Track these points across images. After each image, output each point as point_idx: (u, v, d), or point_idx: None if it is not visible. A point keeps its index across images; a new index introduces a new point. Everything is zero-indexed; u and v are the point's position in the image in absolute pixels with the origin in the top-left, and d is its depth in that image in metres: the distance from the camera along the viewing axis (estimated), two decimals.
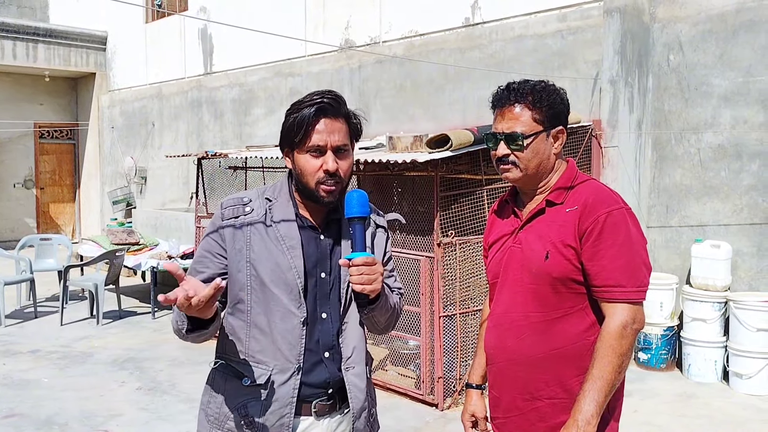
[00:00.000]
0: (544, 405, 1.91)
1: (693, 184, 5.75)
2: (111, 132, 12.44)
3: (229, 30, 8.84)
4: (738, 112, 5.50)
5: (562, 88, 2.01)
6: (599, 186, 1.95)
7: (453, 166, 4.92)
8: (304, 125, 1.78)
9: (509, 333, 1.96)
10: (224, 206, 1.87)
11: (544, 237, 1.90)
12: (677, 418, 4.69)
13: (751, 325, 5.09)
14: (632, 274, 1.82)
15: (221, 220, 1.86)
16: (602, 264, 1.83)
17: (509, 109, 1.94)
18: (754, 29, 5.39)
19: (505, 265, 1.99)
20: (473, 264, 4.96)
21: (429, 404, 4.86)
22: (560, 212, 1.91)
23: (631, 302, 1.82)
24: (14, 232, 12.54)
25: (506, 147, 1.94)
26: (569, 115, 2.01)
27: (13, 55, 11.83)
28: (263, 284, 1.80)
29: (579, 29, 5.83)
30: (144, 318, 7.59)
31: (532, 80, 1.98)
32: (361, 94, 7.68)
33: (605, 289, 1.83)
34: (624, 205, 1.88)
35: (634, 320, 1.82)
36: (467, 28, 6.76)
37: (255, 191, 1.91)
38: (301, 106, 1.80)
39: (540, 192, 1.98)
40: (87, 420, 4.67)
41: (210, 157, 6.76)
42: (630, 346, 1.82)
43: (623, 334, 1.80)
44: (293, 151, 1.83)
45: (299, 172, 1.82)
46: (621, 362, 1.80)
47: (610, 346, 1.80)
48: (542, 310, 1.90)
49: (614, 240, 1.82)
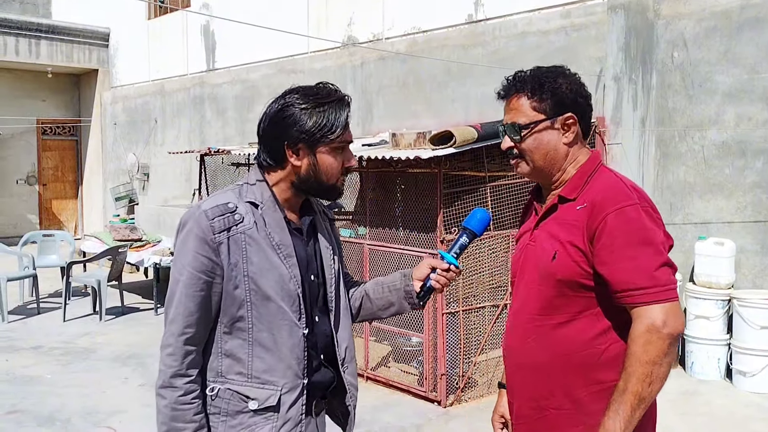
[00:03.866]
0: (552, 415, 1.78)
1: (697, 181, 5.73)
2: (113, 128, 12.44)
3: (231, 26, 8.82)
4: (742, 109, 5.47)
5: (575, 73, 1.86)
6: (613, 180, 1.77)
7: (456, 163, 4.91)
8: (344, 122, 1.73)
9: (516, 335, 1.86)
10: (210, 216, 1.67)
11: (554, 236, 1.77)
12: (680, 415, 4.68)
13: (755, 322, 5.08)
14: (652, 273, 1.64)
15: (212, 233, 1.65)
16: (617, 266, 1.65)
17: (510, 100, 1.84)
18: (759, 26, 5.36)
19: (522, 263, 1.88)
20: (476, 261, 4.95)
21: (431, 401, 4.86)
22: (571, 209, 1.76)
23: (656, 303, 1.62)
24: (17, 229, 12.55)
25: (510, 140, 1.84)
26: (585, 100, 1.84)
27: (15, 52, 11.83)
28: (266, 298, 1.69)
29: (583, 26, 5.81)
30: (146, 314, 7.60)
31: (543, 67, 1.84)
32: (364, 91, 7.67)
33: (626, 294, 1.65)
34: (638, 201, 1.70)
35: (664, 323, 1.61)
36: (470, 24, 6.74)
37: (231, 194, 1.75)
38: (327, 100, 1.72)
39: (555, 186, 1.84)
40: (89, 416, 4.67)
41: (213, 153, 6.75)
42: (661, 352, 1.61)
43: (649, 339, 1.61)
44: (314, 149, 1.72)
45: (320, 170, 1.73)
46: (648, 371, 1.60)
47: (634, 354, 1.62)
48: (547, 312, 1.77)
49: (627, 239, 1.65)
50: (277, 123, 1.72)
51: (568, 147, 1.82)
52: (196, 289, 1.66)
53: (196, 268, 1.66)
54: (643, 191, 1.77)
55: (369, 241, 5.37)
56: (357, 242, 5.48)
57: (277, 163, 1.76)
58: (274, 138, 1.73)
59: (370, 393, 5.06)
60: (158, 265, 7.52)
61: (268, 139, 1.75)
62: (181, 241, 1.70)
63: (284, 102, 1.73)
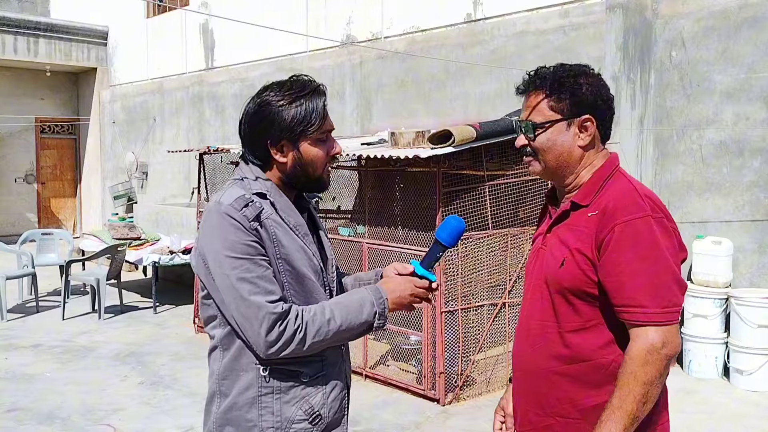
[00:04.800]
0: (557, 423, 1.75)
1: (695, 180, 5.75)
2: (112, 127, 12.44)
3: (230, 25, 8.83)
4: (740, 108, 5.49)
5: (599, 74, 1.80)
6: (627, 187, 1.71)
7: (455, 161, 4.92)
8: (321, 111, 1.73)
9: (526, 341, 1.82)
10: (238, 207, 1.66)
11: (564, 242, 1.72)
12: (677, 414, 4.68)
13: (752, 321, 5.10)
14: (656, 292, 1.60)
15: (247, 221, 1.66)
16: (620, 281, 1.61)
17: (528, 96, 1.78)
18: (757, 25, 5.38)
19: (533, 266, 1.85)
20: (475, 259, 4.96)
21: (430, 399, 4.87)
22: (583, 216, 1.71)
23: (657, 324, 1.59)
24: (15, 227, 12.55)
25: (524, 137, 1.79)
26: (606, 103, 1.78)
27: (14, 50, 11.83)
28: (301, 276, 1.74)
29: (581, 25, 5.83)
30: (145, 313, 7.60)
31: (566, 65, 1.78)
32: (363, 89, 7.68)
33: (626, 310, 1.62)
34: (651, 212, 1.64)
35: (663, 344, 1.59)
36: (469, 24, 6.75)
37: (240, 188, 1.74)
38: (302, 93, 1.72)
39: (569, 190, 1.79)
40: (89, 414, 4.68)
41: (212, 152, 6.76)
42: (658, 373, 1.60)
43: (647, 360, 1.59)
44: (297, 143, 1.74)
45: (306, 163, 1.75)
46: (645, 391, 1.59)
47: (632, 373, 1.59)
48: (557, 320, 1.73)
49: (635, 253, 1.60)
50: (257, 123, 1.73)
51: (583, 150, 1.76)
52: (258, 274, 1.65)
53: (250, 253, 1.65)
54: (657, 199, 1.72)
55: (368, 239, 5.39)
56: (356, 241, 5.49)
57: (263, 162, 1.77)
58: (255, 138, 1.75)
59: (369, 391, 5.07)
60: (157, 263, 7.53)
61: (251, 139, 1.77)
62: (219, 241, 1.66)
63: (260, 100, 1.74)
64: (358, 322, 1.74)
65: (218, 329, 1.75)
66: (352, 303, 1.75)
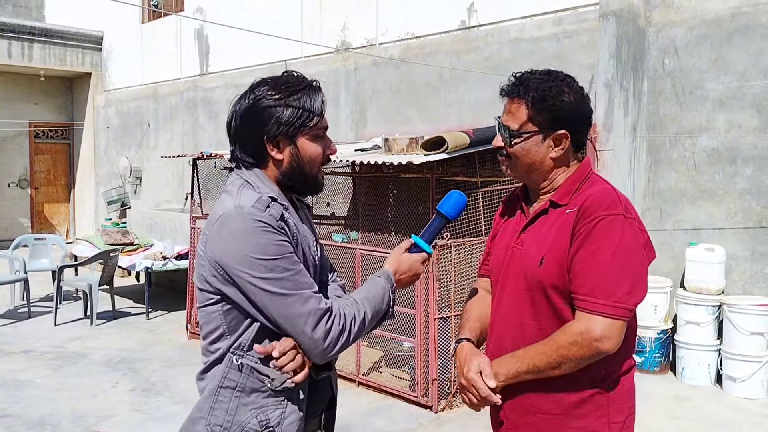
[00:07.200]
0: (539, 420, 1.77)
1: (687, 187, 5.77)
2: (106, 132, 12.41)
3: (225, 31, 8.83)
4: (732, 116, 5.52)
5: (581, 87, 1.84)
6: (605, 189, 1.77)
7: (448, 168, 4.93)
8: (320, 106, 1.68)
9: (506, 339, 1.84)
10: (262, 208, 1.60)
11: (542, 241, 1.77)
12: (671, 420, 4.70)
13: (745, 328, 5.11)
14: (609, 286, 1.65)
15: (275, 220, 1.60)
16: (579, 269, 1.68)
17: (510, 101, 1.82)
18: (749, 34, 5.41)
19: (507, 265, 1.87)
20: (468, 266, 4.96)
21: (423, 406, 4.86)
22: (561, 214, 1.77)
23: (601, 315, 1.64)
24: (8, 232, 12.50)
25: (501, 138, 1.84)
26: (584, 119, 1.83)
27: (8, 55, 11.80)
28: (318, 271, 1.77)
29: (575, 33, 5.85)
30: (138, 319, 7.57)
31: (552, 74, 1.81)
32: (357, 95, 7.68)
33: (579, 297, 1.68)
34: (623, 212, 1.71)
35: (600, 336, 1.63)
36: (463, 30, 6.77)
37: (252, 192, 1.67)
38: (299, 87, 1.67)
39: (544, 192, 1.85)
40: (80, 421, 4.65)
41: (206, 157, 6.74)
42: (579, 356, 1.65)
43: (576, 340, 1.65)
44: (294, 139, 1.68)
45: (303, 160, 1.70)
46: (560, 363, 1.67)
47: (557, 342, 1.68)
48: (537, 318, 1.77)
49: (599, 246, 1.67)
50: (252, 119, 1.66)
51: (554, 161, 1.82)
52: (295, 271, 1.60)
53: (284, 253, 1.59)
54: (629, 203, 1.78)
55: (361, 246, 5.38)
56: (349, 247, 5.49)
57: (258, 161, 1.71)
58: (250, 135, 1.68)
59: (362, 398, 5.06)
60: (150, 269, 7.50)
61: (244, 137, 1.69)
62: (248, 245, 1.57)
63: (254, 96, 1.67)
64: (381, 314, 1.76)
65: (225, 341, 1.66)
66: (376, 295, 1.75)
